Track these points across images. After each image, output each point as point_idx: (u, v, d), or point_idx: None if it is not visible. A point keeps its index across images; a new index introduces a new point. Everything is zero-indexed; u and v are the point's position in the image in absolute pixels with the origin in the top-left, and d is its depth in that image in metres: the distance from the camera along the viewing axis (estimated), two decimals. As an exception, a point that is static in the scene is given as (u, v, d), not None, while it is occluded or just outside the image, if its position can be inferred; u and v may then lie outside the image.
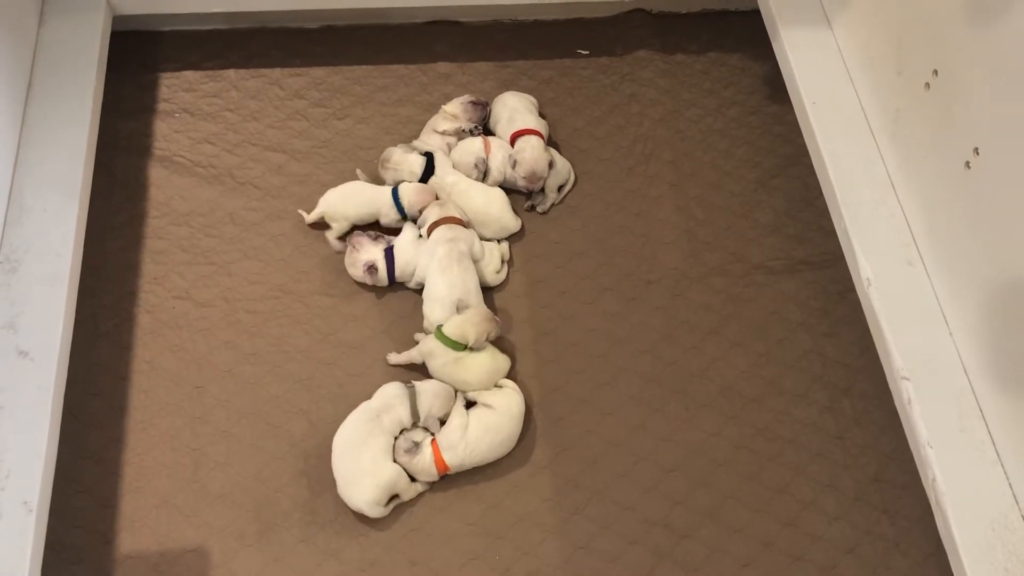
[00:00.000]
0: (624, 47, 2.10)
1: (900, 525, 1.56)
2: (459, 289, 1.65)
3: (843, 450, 1.63)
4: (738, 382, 1.69)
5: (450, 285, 1.65)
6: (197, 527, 1.51)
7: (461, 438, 1.52)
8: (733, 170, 1.94)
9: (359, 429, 1.53)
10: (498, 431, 1.55)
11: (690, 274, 1.80)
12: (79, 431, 1.57)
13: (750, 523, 1.55)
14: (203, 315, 1.70)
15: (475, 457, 1.54)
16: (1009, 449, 1.42)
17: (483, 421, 1.55)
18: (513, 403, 1.58)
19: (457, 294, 1.64)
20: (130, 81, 1.97)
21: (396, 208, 1.77)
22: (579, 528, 1.54)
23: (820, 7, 1.92)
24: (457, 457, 1.52)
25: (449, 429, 1.54)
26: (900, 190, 1.67)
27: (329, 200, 1.78)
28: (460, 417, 1.55)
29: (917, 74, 1.60)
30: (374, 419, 1.54)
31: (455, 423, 1.54)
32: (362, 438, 1.52)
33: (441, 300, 1.65)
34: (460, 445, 1.52)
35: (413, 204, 1.76)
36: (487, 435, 1.54)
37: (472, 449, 1.53)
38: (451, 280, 1.65)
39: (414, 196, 1.76)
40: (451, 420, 1.55)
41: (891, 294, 1.58)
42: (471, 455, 1.53)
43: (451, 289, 1.64)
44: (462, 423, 1.54)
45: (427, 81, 2.03)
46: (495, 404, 1.56)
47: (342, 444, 1.53)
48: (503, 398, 1.58)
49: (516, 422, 1.57)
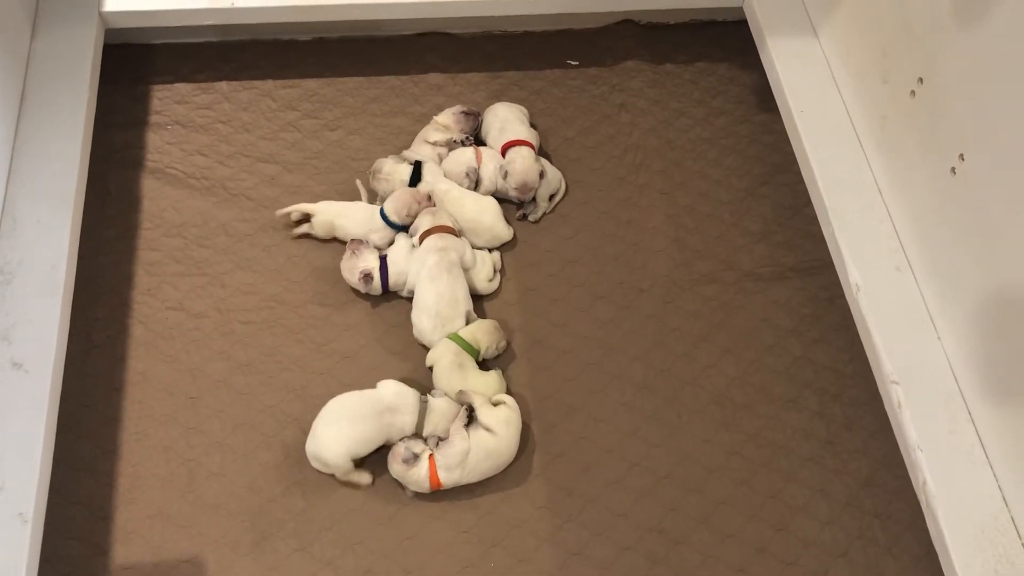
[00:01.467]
0: (613, 58, 2.12)
1: (891, 529, 1.57)
2: (447, 298, 1.65)
3: (834, 455, 1.64)
4: (729, 389, 1.70)
5: (438, 294, 1.65)
6: (192, 537, 1.51)
7: (460, 464, 1.52)
8: (722, 179, 1.96)
9: (359, 409, 1.54)
10: (498, 456, 1.55)
11: (681, 282, 1.81)
12: (73, 442, 1.57)
13: (742, 529, 1.56)
14: (197, 326, 1.71)
15: (471, 478, 1.54)
16: (998, 452, 1.44)
17: (484, 446, 1.53)
18: (512, 426, 1.56)
19: (445, 303, 1.65)
20: (122, 93, 1.98)
21: (387, 225, 1.77)
22: (573, 535, 1.55)
23: (806, 17, 1.95)
24: (453, 479, 1.52)
25: (451, 452, 1.52)
26: (887, 196, 1.69)
27: (327, 211, 1.79)
28: (463, 441, 1.52)
29: (902, 82, 1.62)
30: (378, 411, 1.54)
31: (457, 448, 1.52)
32: (356, 417, 1.53)
33: (428, 309, 1.65)
34: (458, 470, 1.52)
35: (398, 210, 1.76)
36: (487, 460, 1.54)
37: (470, 472, 1.53)
38: (439, 289, 1.66)
39: (395, 203, 1.76)
40: (453, 442, 1.52)
41: (880, 299, 1.59)
42: (467, 477, 1.53)
43: (439, 298, 1.65)
44: (463, 448, 1.52)
45: (418, 92, 2.04)
46: (497, 430, 1.54)
47: (335, 408, 1.55)
48: (505, 424, 1.55)
49: (515, 445, 1.57)
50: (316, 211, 1.79)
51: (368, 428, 1.53)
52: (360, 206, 1.81)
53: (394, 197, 1.77)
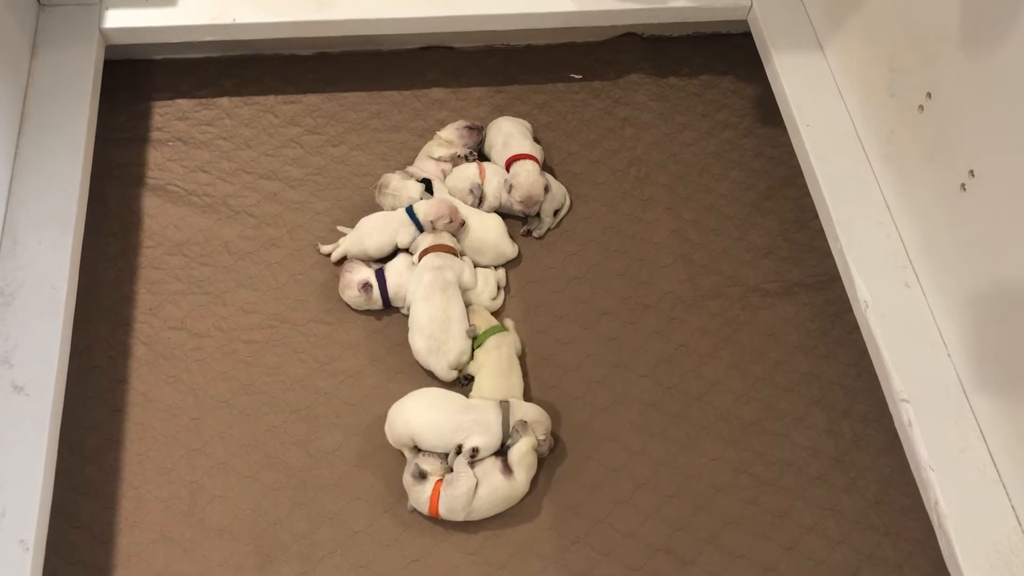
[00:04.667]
0: (617, 71, 2.11)
1: (902, 548, 1.55)
2: (439, 319, 1.64)
3: (843, 473, 1.62)
4: (736, 406, 1.69)
5: (430, 315, 1.64)
6: (195, 561, 1.49)
7: (464, 507, 1.50)
8: (727, 192, 1.95)
9: (444, 398, 1.59)
10: (507, 500, 1.53)
11: (687, 297, 1.80)
12: (75, 465, 1.55)
13: (752, 548, 1.55)
14: (199, 345, 1.69)
15: (475, 518, 1.52)
16: (1011, 470, 1.42)
17: (499, 491, 1.51)
18: (531, 471, 1.54)
19: (437, 324, 1.63)
20: (123, 110, 1.97)
21: (413, 223, 1.76)
22: (580, 556, 1.53)
23: (811, 29, 1.94)
24: (456, 519, 1.51)
25: (455, 495, 1.49)
26: (896, 212, 1.68)
27: (353, 247, 1.78)
28: (468, 479, 1.49)
29: (910, 96, 1.61)
30: (459, 407, 1.57)
31: (463, 488, 1.49)
32: (441, 402, 1.58)
33: (422, 330, 1.64)
34: (462, 513, 1.50)
35: (429, 213, 1.74)
36: (497, 505, 1.52)
37: (476, 513, 1.51)
38: (431, 310, 1.64)
39: (434, 207, 1.74)
40: (459, 481, 1.49)
41: (889, 316, 1.58)
42: (469, 516, 1.52)
43: (431, 319, 1.64)
44: (469, 486, 1.49)
45: (421, 107, 2.03)
46: (517, 474, 1.52)
47: (426, 390, 1.61)
48: (527, 469, 1.53)
49: (526, 489, 1.55)
50: (348, 252, 1.78)
51: (445, 417, 1.55)
52: (369, 220, 1.80)
53: (435, 202, 1.76)
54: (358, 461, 1.59)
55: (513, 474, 1.52)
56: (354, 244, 1.77)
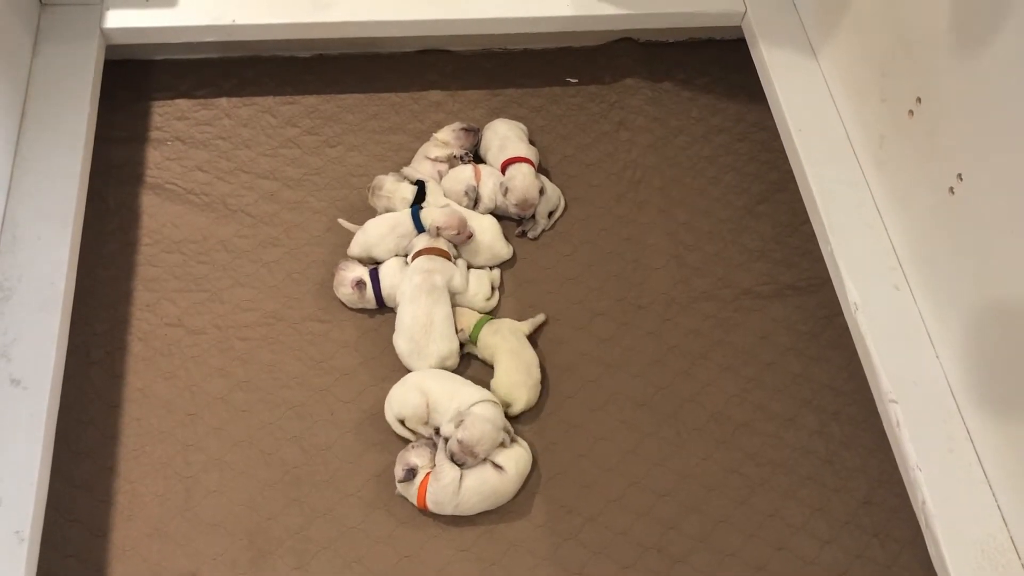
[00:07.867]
0: (612, 75, 2.13)
1: (891, 548, 1.57)
2: (421, 322, 1.65)
3: (833, 474, 1.64)
4: (728, 407, 1.70)
5: (413, 317, 1.65)
6: (190, 555, 1.50)
7: (451, 498, 1.51)
8: (721, 196, 1.96)
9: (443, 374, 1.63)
10: (498, 495, 1.54)
11: (680, 299, 1.82)
12: (71, 460, 1.56)
13: (742, 548, 1.56)
14: (195, 342, 1.71)
15: (464, 512, 1.53)
16: (997, 470, 1.43)
17: (489, 483, 1.52)
18: (522, 464, 1.56)
19: (419, 327, 1.65)
20: (122, 109, 1.98)
21: (413, 223, 1.77)
22: (573, 554, 1.54)
23: (805, 35, 1.96)
24: (444, 512, 1.52)
25: (439, 487, 1.50)
26: (886, 215, 1.70)
27: (366, 251, 1.80)
28: (452, 470, 1.51)
29: (901, 101, 1.62)
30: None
31: (447, 479, 1.50)
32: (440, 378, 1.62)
33: (405, 331, 1.66)
34: (449, 506, 1.51)
35: (437, 220, 1.75)
36: (486, 499, 1.53)
37: (465, 507, 1.52)
38: (415, 311, 1.66)
39: (444, 216, 1.75)
40: (442, 474, 1.51)
41: (878, 318, 1.59)
42: (461, 511, 1.53)
43: (413, 321, 1.65)
44: (454, 476, 1.50)
45: (418, 109, 2.05)
46: (507, 467, 1.54)
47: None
48: (515, 462, 1.55)
49: (518, 486, 1.56)
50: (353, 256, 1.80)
51: (449, 377, 1.62)
52: (375, 227, 1.81)
53: (448, 213, 1.77)
54: (352, 457, 1.60)
55: (503, 468, 1.53)
56: (363, 251, 1.78)
